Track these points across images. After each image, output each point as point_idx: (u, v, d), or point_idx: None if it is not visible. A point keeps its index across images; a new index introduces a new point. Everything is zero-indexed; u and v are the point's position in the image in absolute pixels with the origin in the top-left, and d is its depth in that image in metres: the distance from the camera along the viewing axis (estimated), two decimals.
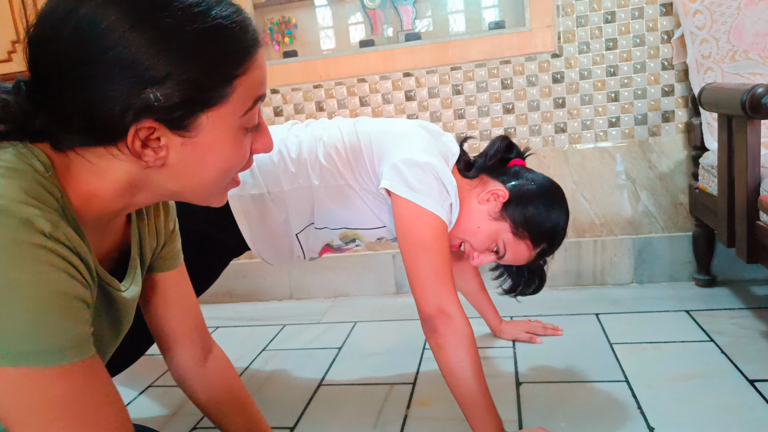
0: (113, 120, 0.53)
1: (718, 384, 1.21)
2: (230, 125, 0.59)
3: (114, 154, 0.57)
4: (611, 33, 1.80)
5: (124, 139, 0.55)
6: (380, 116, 1.96)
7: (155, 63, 0.52)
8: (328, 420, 1.24)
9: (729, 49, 1.60)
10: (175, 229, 0.84)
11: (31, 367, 0.49)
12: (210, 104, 0.56)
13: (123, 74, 0.52)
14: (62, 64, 0.53)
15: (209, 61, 0.55)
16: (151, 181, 0.61)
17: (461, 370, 1.01)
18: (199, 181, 0.62)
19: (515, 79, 1.87)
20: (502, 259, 1.19)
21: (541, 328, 1.55)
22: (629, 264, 1.89)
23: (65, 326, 0.51)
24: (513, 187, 1.17)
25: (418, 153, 1.07)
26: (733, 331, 1.46)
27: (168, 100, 0.53)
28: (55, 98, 0.54)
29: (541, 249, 1.18)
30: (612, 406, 1.18)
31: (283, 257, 1.28)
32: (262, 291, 2.14)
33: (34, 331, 0.49)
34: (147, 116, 0.54)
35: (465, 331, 1.02)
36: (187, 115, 0.56)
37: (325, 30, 2.07)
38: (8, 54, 2.01)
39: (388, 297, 2.03)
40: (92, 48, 0.51)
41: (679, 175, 1.83)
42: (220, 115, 0.57)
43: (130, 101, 0.52)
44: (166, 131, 0.56)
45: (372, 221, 1.20)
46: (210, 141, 0.58)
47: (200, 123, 0.57)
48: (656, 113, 1.82)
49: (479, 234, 1.17)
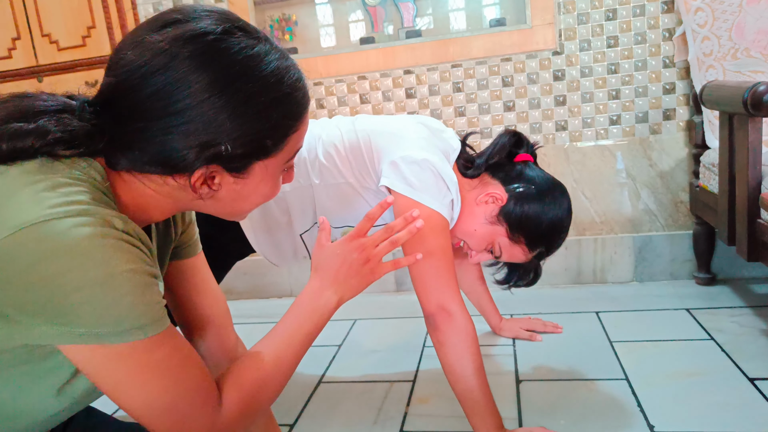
0: (185, 162, 0.61)
1: (718, 382, 1.21)
2: (274, 171, 0.68)
3: (167, 182, 0.64)
4: (612, 30, 1.79)
5: (184, 174, 0.63)
6: (381, 114, 1.96)
7: (232, 124, 0.60)
8: (328, 417, 1.24)
9: (730, 47, 1.60)
10: (192, 219, 0.88)
11: (137, 340, 0.57)
12: (267, 155, 0.65)
13: (203, 129, 0.59)
14: (149, 109, 0.59)
15: (276, 124, 0.64)
16: (194, 206, 0.70)
17: (462, 368, 1.01)
18: (238, 210, 0.71)
19: (516, 77, 1.87)
20: (499, 258, 1.19)
21: (542, 325, 1.55)
22: (629, 262, 1.89)
23: (156, 300, 0.60)
24: (512, 190, 1.14)
25: (417, 150, 1.07)
26: (733, 329, 1.46)
27: (235, 150, 0.62)
28: (129, 133, 0.61)
29: (538, 252, 1.18)
30: (612, 404, 1.18)
31: (288, 258, 1.28)
32: (262, 288, 2.14)
33: (136, 310, 0.57)
34: (214, 163, 0.62)
35: (467, 328, 1.02)
36: (246, 164, 0.65)
37: (326, 27, 2.06)
38: (8, 51, 2.01)
39: (388, 294, 2.03)
40: (180, 103, 0.59)
41: (680, 173, 1.82)
42: (269, 163, 0.67)
43: (203, 150, 0.60)
44: (224, 173, 0.64)
45: None
46: (257, 182, 0.67)
47: (254, 168, 0.66)
48: (657, 111, 1.81)
49: (475, 236, 1.16)
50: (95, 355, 0.57)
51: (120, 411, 1.35)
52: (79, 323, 0.54)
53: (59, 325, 0.54)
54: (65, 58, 1.98)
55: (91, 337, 0.55)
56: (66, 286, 0.53)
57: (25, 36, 1.99)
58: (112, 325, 0.56)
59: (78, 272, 0.53)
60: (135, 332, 0.57)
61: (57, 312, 0.54)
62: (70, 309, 0.54)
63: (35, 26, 1.98)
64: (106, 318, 0.55)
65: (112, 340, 0.56)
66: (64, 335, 0.55)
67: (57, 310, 0.54)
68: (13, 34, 1.99)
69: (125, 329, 0.56)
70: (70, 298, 0.53)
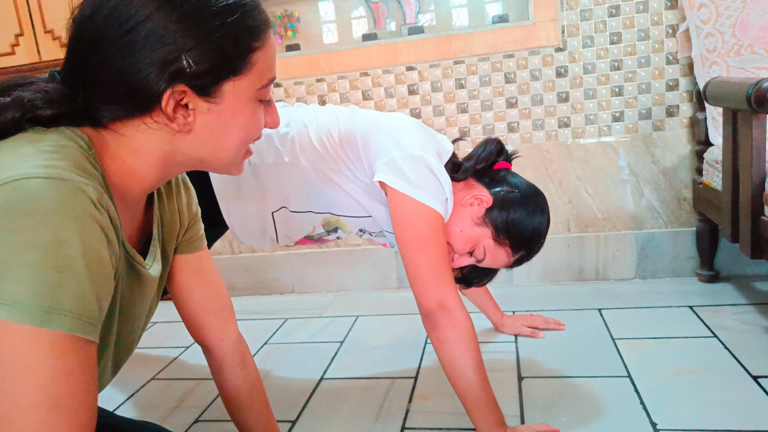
0: (149, 85, 0.60)
1: (721, 379, 1.21)
2: (248, 96, 0.67)
3: (148, 124, 0.63)
4: (616, 27, 1.79)
5: (157, 107, 0.62)
6: (383, 110, 1.96)
7: (186, 34, 0.60)
8: (330, 414, 1.24)
9: (734, 43, 1.59)
10: (197, 212, 0.89)
11: (58, 331, 0.51)
12: (233, 72, 0.64)
13: (158, 43, 0.59)
14: (103, 37, 0.60)
15: (231, 31, 0.63)
16: (180, 150, 0.67)
17: (463, 365, 1.01)
18: (222, 148, 0.68)
19: (519, 73, 1.87)
20: (480, 263, 1.18)
21: (543, 322, 1.55)
22: (632, 259, 1.89)
23: (102, 295, 0.56)
24: (497, 193, 1.16)
25: (415, 148, 1.07)
26: (736, 326, 1.46)
27: (198, 66, 0.61)
28: (95, 71, 0.61)
29: (520, 255, 1.18)
30: (614, 401, 1.17)
31: (255, 235, 1.28)
32: (264, 285, 2.14)
33: (76, 293, 0.52)
34: (180, 81, 0.61)
35: (466, 325, 1.02)
36: (213, 81, 0.63)
37: (328, 24, 2.06)
38: (11, 47, 2.01)
39: (389, 291, 2.03)
40: (130, 21, 0.59)
41: (683, 170, 1.82)
42: (240, 86, 0.65)
43: (165, 67, 0.60)
44: (194, 96, 0.63)
45: (357, 209, 1.20)
46: (231, 109, 0.66)
47: (224, 91, 0.64)
48: (660, 108, 1.81)
49: (460, 237, 1.16)
50: (8, 332, 0.50)
51: (123, 407, 1.35)
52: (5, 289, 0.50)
53: None
54: None
55: (8, 308, 0.49)
56: (11, 245, 0.50)
57: (28, 32, 1.99)
58: (40, 300, 0.50)
59: (27, 233, 0.50)
60: (64, 319, 0.51)
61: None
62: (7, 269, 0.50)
63: (38, 22, 1.98)
64: (38, 289, 0.50)
65: (29, 319, 0.50)
66: None
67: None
68: (16, 30, 1.99)
69: (55, 311, 0.51)
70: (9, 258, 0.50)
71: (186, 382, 1.46)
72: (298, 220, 1.24)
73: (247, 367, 0.95)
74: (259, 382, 0.97)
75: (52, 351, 0.51)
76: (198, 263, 0.88)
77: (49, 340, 0.51)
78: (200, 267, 0.88)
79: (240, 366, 0.94)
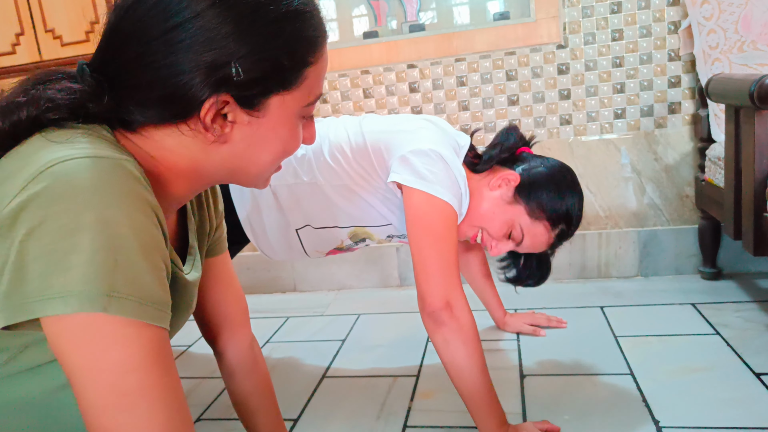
0: (192, 91, 0.54)
1: (724, 377, 1.21)
2: (293, 111, 0.61)
3: (182, 131, 0.58)
4: (617, 24, 1.78)
5: (195, 115, 0.56)
6: (384, 108, 1.96)
7: (239, 38, 0.54)
8: (332, 412, 1.24)
9: (737, 40, 1.59)
10: (222, 212, 0.86)
11: (129, 318, 0.48)
12: (284, 86, 0.58)
13: (207, 44, 0.53)
14: (145, 30, 0.54)
15: (289, 42, 0.57)
16: (211, 160, 0.61)
17: (467, 366, 1.00)
18: (256, 161, 0.63)
19: (520, 71, 1.86)
20: (520, 245, 1.17)
21: (546, 320, 1.55)
22: (634, 257, 1.88)
23: (149, 279, 0.50)
24: (523, 171, 1.16)
25: (427, 143, 1.06)
26: (738, 324, 1.45)
27: (248, 75, 0.55)
28: (130, 69, 0.55)
29: (560, 230, 1.17)
30: (617, 399, 1.17)
31: (282, 251, 1.28)
32: (265, 283, 2.14)
33: (139, 276, 0.49)
34: (225, 90, 0.55)
35: (471, 325, 1.01)
36: (261, 94, 0.57)
37: (329, 21, 2.05)
38: (12, 46, 2.01)
39: (391, 289, 2.03)
40: (178, 16, 0.53)
41: (685, 167, 1.81)
42: (287, 100, 0.60)
43: (211, 73, 0.54)
44: (236, 108, 0.57)
45: (380, 219, 1.20)
46: (273, 123, 0.60)
47: (269, 104, 0.58)
48: (662, 105, 1.80)
49: (495, 219, 1.15)
50: (68, 325, 0.47)
51: None
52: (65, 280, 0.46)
53: None
54: (69, 54, 1.97)
55: (62, 300, 0.46)
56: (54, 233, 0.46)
57: (29, 31, 1.99)
58: (96, 285, 0.46)
59: (69, 217, 0.46)
60: (124, 303, 0.48)
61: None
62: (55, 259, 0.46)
63: (39, 21, 1.98)
64: (92, 274, 0.46)
65: (88, 306, 0.46)
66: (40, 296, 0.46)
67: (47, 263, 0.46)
68: (17, 30, 1.99)
69: (113, 294, 0.47)
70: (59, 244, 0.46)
71: (188, 380, 1.46)
72: (323, 236, 1.24)
73: (258, 373, 0.93)
74: (269, 387, 0.95)
75: (116, 341, 0.47)
76: (219, 266, 0.86)
77: (111, 328, 0.47)
78: (221, 270, 0.86)
79: (251, 372, 0.92)
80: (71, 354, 0.47)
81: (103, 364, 0.47)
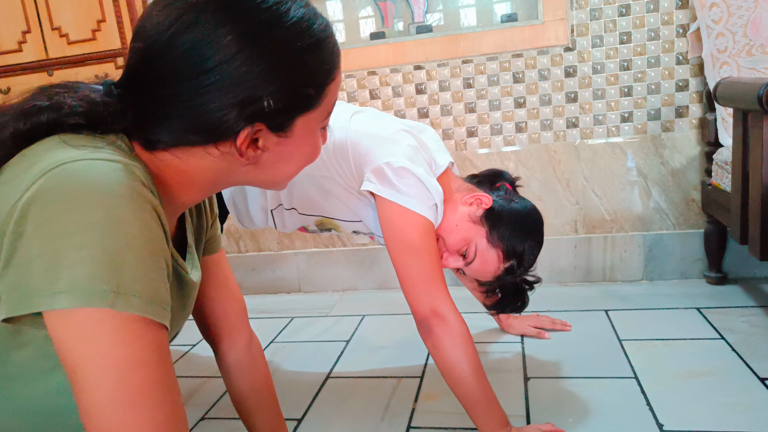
0: (227, 124, 0.58)
1: (729, 382, 1.20)
2: (315, 127, 0.65)
3: (209, 153, 0.61)
4: (625, 26, 1.78)
5: (226, 141, 0.59)
6: (390, 109, 1.96)
7: (268, 76, 0.57)
8: (336, 413, 1.24)
9: (745, 44, 1.58)
10: (217, 211, 0.87)
11: (131, 313, 0.49)
12: (308, 108, 0.62)
13: (239, 86, 0.56)
14: (177, 72, 0.56)
15: (312, 71, 0.61)
16: (237, 175, 0.65)
17: (460, 371, 1.01)
18: (280, 174, 0.67)
19: (527, 73, 1.86)
20: (468, 266, 1.17)
21: (550, 323, 1.55)
22: (639, 260, 1.88)
23: (164, 279, 0.53)
24: (498, 198, 1.18)
25: (400, 157, 1.06)
26: (744, 328, 1.45)
27: (278, 105, 0.59)
28: (160, 104, 0.58)
29: (509, 265, 1.16)
30: (621, 402, 1.17)
31: (259, 225, 1.30)
32: (270, 284, 2.14)
33: (140, 273, 0.50)
34: (258, 120, 0.59)
35: (460, 330, 1.01)
36: (289, 120, 0.61)
37: (336, 23, 2.05)
38: (18, 44, 2.02)
39: (396, 291, 2.03)
40: (209, 62, 0.56)
41: (692, 171, 1.81)
42: (312, 118, 0.64)
43: (244, 108, 0.57)
44: (268, 133, 0.61)
45: (349, 214, 1.20)
46: (299, 140, 0.64)
47: (295, 125, 0.62)
48: (670, 108, 1.80)
49: (455, 233, 1.15)
50: (74, 320, 0.48)
51: None
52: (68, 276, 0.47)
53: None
54: (75, 52, 1.98)
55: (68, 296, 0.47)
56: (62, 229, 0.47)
57: (35, 29, 2.00)
58: (103, 282, 0.48)
59: (78, 214, 0.48)
60: (131, 300, 0.49)
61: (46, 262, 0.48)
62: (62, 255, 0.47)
63: (45, 20, 1.98)
64: (100, 271, 0.48)
65: (96, 301, 0.47)
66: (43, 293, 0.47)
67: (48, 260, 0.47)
68: (23, 28, 2.00)
69: (120, 291, 0.48)
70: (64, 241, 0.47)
71: (193, 379, 1.46)
72: (293, 218, 1.25)
73: (257, 372, 0.93)
74: (269, 387, 0.95)
75: (122, 337, 0.48)
76: (214, 265, 0.87)
77: (117, 324, 0.48)
78: (216, 269, 0.87)
79: (250, 371, 0.92)
80: (76, 349, 0.48)
81: (109, 360, 0.48)
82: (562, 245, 1.91)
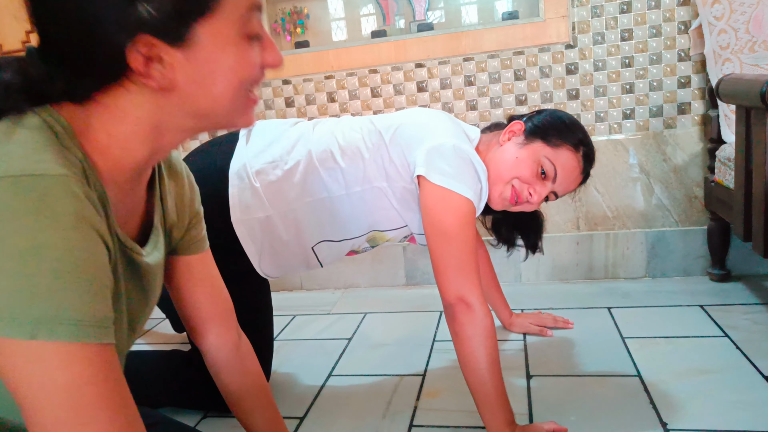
0: (111, 42, 0.53)
1: (732, 379, 1.20)
2: (228, 34, 0.58)
3: (127, 88, 0.57)
4: (627, 23, 1.77)
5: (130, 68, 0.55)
6: (392, 107, 1.95)
7: None
8: (338, 410, 1.24)
9: (748, 40, 1.57)
10: (200, 212, 0.86)
11: (65, 342, 0.48)
12: (201, 12, 0.56)
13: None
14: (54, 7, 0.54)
15: None
16: (170, 111, 0.60)
17: (476, 360, 1.01)
18: (212, 98, 0.60)
19: (528, 71, 1.86)
20: (556, 182, 1.17)
21: (552, 321, 1.54)
22: (642, 258, 1.87)
23: (88, 299, 0.50)
24: (526, 119, 1.21)
25: (448, 137, 1.07)
26: (747, 326, 1.44)
27: (159, 12, 0.53)
28: (59, 39, 0.55)
29: (583, 152, 1.19)
30: (624, 400, 1.17)
31: (296, 269, 1.29)
32: (272, 281, 2.14)
33: (55, 297, 0.48)
34: (143, 31, 0.54)
35: (484, 321, 1.01)
36: (181, 26, 0.55)
37: (337, 21, 2.05)
38: (22, 44, 2.02)
39: (398, 288, 2.03)
40: None
41: (694, 168, 1.80)
42: (216, 25, 0.57)
43: (122, 19, 0.53)
44: (165, 47, 0.55)
45: (397, 221, 1.20)
46: (210, 53, 0.57)
47: (197, 35, 0.56)
48: (672, 105, 1.79)
49: (522, 162, 1.16)
50: (6, 349, 0.47)
51: None
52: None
53: None
54: None
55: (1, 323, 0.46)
56: None
57: None
58: (24, 312, 0.47)
59: (2, 240, 0.46)
60: (58, 328, 0.48)
61: None
62: None
63: None
64: (21, 301, 0.46)
65: (18, 333, 0.47)
66: None
67: None
68: (27, 27, 2.00)
69: (42, 321, 0.47)
70: None
71: None
72: (341, 247, 1.24)
73: (248, 373, 0.92)
74: (262, 387, 0.93)
75: (60, 363, 0.48)
76: (197, 265, 0.85)
77: (52, 352, 0.48)
78: (198, 270, 0.85)
79: (239, 372, 0.91)
80: (14, 378, 0.48)
81: (52, 386, 0.48)
82: (564, 242, 1.90)
